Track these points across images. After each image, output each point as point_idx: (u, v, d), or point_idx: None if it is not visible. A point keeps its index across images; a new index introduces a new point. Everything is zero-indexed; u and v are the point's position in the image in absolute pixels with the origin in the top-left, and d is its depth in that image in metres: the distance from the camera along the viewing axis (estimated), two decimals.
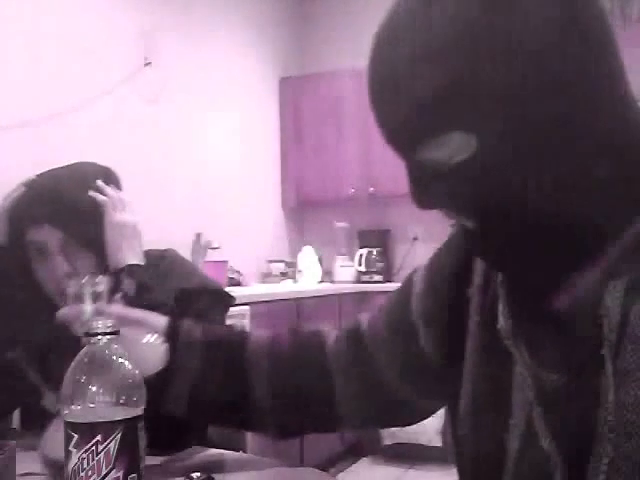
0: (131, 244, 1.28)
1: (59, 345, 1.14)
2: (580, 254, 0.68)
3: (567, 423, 0.68)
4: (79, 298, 1.01)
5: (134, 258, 1.27)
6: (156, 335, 0.96)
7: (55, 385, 1.04)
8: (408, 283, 0.92)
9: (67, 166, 1.34)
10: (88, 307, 1.00)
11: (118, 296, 1.02)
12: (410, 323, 0.88)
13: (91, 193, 1.28)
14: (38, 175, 1.32)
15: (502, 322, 0.75)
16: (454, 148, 0.65)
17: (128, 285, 1.22)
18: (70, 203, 1.26)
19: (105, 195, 1.29)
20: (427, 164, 0.67)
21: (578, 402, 0.67)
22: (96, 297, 1.01)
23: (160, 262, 1.33)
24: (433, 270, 0.88)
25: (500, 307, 0.76)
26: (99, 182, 1.30)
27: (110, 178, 1.34)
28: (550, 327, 0.70)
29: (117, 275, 1.23)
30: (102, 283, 1.03)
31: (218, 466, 1.07)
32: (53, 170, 1.32)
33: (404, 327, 0.89)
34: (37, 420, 1.03)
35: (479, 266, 0.81)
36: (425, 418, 0.97)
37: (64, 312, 1.01)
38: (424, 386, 0.90)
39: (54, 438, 0.95)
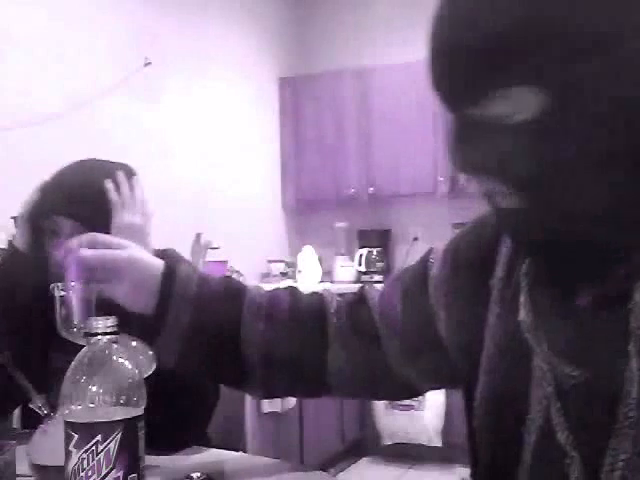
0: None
1: (46, 348, 1.14)
2: (614, 246, 0.65)
3: (585, 418, 0.67)
4: (67, 302, 1.00)
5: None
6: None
7: (42, 388, 1.04)
8: (424, 264, 0.89)
9: (81, 161, 1.34)
10: (78, 311, 0.99)
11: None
12: (427, 307, 0.86)
13: (107, 185, 1.28)
14: (51, 177, 1.32)
15: (523, 315, 0.73)
16: (519, 104, 0.60)
17: None
18: (83, 193, 1.28)
19: (120, 192, 1.28)
20: (484, 119, 0.62)
21: (598, 397, 0.66)
22: (86, 302, 1.00)
23: None
24: (455, 257, 0.85)
25: (522, 299, 0.74)
26: (120, 174, 1.29)
27: (129, 174, 1.33)
28: (574, 320, 0.68)
29: None
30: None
31: (218, 466, 1.07)
32: (66, 167, 1.33)
33: (421, 309, 0.87)
34: (38, 420, 1.02)
35: (502, 257, 0.79)
36: (416, 396, 0.97)
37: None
38: (430, 370, 0.89)
39: (40, 444, 0.95)
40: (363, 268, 4.40)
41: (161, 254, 1.34)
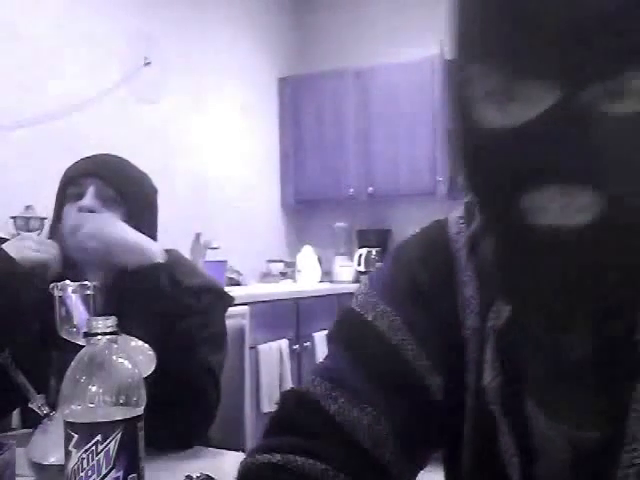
0: (150, 240, 1.25)
1: (46, 348, 1.14)
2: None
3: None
4: (67, 302, 1.00)
5: (162, 254, 1.23)
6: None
7: (42, 388, 1.04)
8: (373, 344, 0.68)
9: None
10: (79, 312, 0.99)
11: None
12: (412, 379, 0.67)
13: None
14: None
15: (488, 378, 0.60)
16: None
17: (163, 281, 1.18)
18: (112, 161, 1.32)
19: None
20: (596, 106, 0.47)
21: (601, 461, 0.57)
22: (86, 302, 1.00)
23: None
24: (405, 292, 0.69)
25: (488, 357, 0.60)
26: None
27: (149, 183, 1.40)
28: (574, 376, 0.58)
29: (148, 270, 1.18)
30: (91, 288, 1.02)
31: (218, 466, 1.07)
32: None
33: (406, 389, 0.67)
34: (38, 420, 1.03)
35: (470, 300, 0.65)
36: None
37: None
38: (422, 452, 0.73)
39: (40, 443, 0.95)
40: (362, 268, 4.40)
41: (167, 254, 1.34)
